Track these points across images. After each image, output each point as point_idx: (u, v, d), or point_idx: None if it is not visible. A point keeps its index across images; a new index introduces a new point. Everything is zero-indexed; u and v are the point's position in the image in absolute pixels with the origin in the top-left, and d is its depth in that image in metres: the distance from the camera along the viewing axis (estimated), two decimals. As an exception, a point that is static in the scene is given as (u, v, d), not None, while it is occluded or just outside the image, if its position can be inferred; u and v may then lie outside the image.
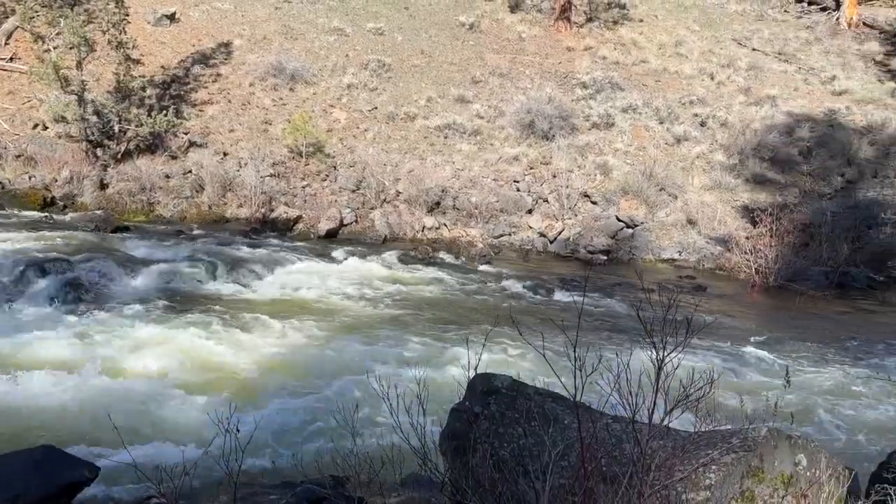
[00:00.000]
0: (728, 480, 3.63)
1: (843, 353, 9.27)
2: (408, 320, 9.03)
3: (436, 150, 16.29)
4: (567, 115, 17.26)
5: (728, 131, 17.48)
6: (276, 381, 6.73)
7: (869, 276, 13.23)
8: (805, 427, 6.28)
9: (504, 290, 11.24)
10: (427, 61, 19.20)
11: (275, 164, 14.90)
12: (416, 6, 21.69)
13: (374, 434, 4.27)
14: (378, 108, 17.24)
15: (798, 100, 19.15)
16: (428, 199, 14.58)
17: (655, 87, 19.36)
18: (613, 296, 11.32)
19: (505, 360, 7.38)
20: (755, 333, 9.96)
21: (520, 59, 19.88)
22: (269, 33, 19.15)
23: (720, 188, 15.97)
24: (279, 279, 10.42)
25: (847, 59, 21.45)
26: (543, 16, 21.96)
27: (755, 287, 12.93)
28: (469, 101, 17.82)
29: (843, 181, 16.28)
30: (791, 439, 3.91)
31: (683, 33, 22.04)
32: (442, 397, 5.05)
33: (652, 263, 14.32)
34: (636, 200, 15.20)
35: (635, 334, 3.41)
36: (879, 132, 17.59)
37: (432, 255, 12.89)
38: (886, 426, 6.94)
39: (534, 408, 4.30)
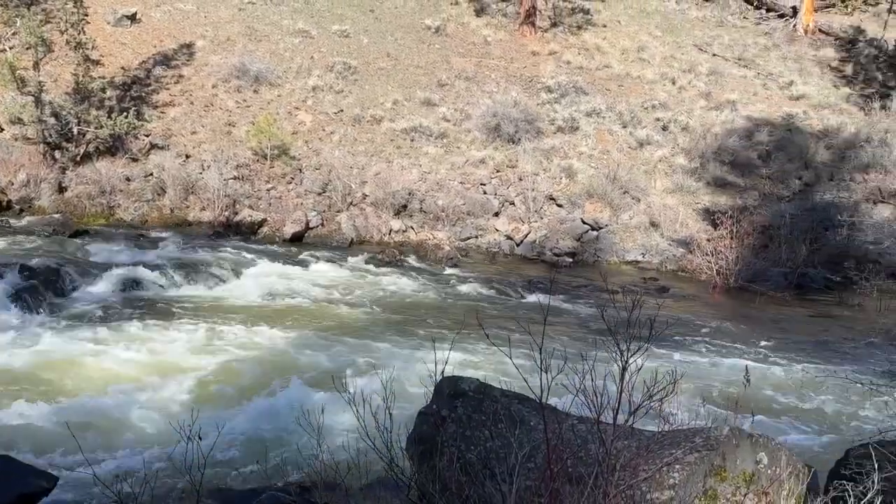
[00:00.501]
0: (691, 479, 3.69)
1: (802, 352, 9.49)
2: (375, 323, 8.99)
3: (402, 152, 16.27)
4: (532, 119, 17.39)
5: (689, 135, 17.77)
6: (240, 386, 6.64)
7: (826, 276, 13.57)
8: (766, 426, 6.41)
9: (471, 292, 11.27)
10: (393, 64, 19.18)
11: (239, 166, 14.72)
12: (382, 9, 21.65)
13: (340, 439, 4.24)
14: (344, 111, 17.16)
15: (757, 104, 19.57)
16: (395, 201, 14.55)
17: (619, 91, 19.61)
18: (579, 297, 11.42)
19: (472, 363, 7.39)
20: (716, 334, 10.15)
21: (485, 63, 19.96)
22: (232, 35, 18.93)
23: (682, 191, 16.23)
24: (243, 283, 10.30)
25: (804, 64, 22.00)
26: (509, 20, 22.10)
27: (716, 288, 13.17)
28: (435, 104, 17.84)
29: (801, 184, 16.68)
30: (752, 438, 3.99)
31: (646, 39, 22.37)
32: (409, 401, 5.03)
33: (616, 265, 14.49)
34: (601, 203, 15.36)
35: (600, 336, 3.44)
36: (835, 136, 18.07)
37: (399, 258, 12.87)
38: (844, 424, 7.12)
39: (500, 410, 4.32)
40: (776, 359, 9.01)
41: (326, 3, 21.32)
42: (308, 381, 6.64)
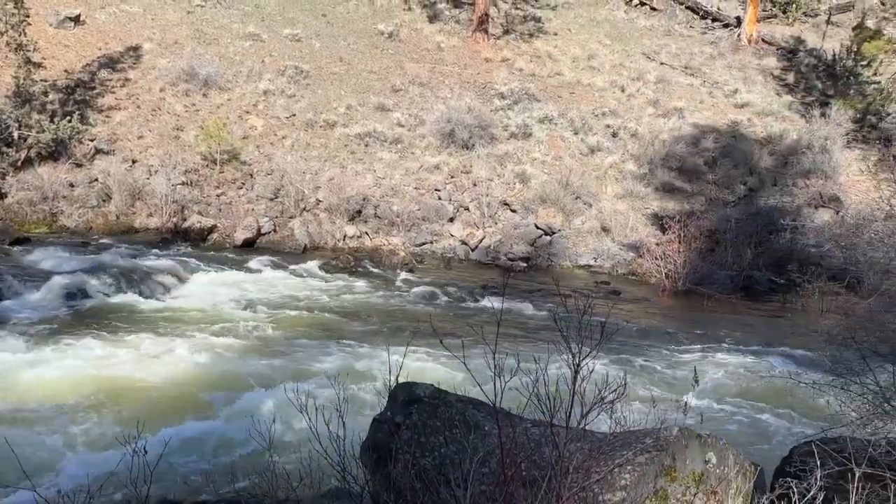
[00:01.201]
0: (642, 480, 3.74)
1: (748, 353, 9.74)
2: (329, 330, 8.90)
3: (356, 158, 16.17)
4: (486, 125, 17.49)
5: (638, 142, 18.12)
6: (188, 397, 6.48)
7: (770, 279, 13.98)
8: (714, 425, 6.55)
9: (426, 298, 11.25)
10: (346, 69, 19.07)
11: (187, 171, 14.42)
12: (334, 13, 21.53)
13: (293, 449, 4.17)
14: (296, 115, 16.98)
15: (703, 112, 20.08)
16: (349, 207, 14.45)
17: (570, 98, 19.88)
18: (533, 302, 11.51)
19: (428, 368, 7.37)
20: (666, 336, 10.35)
21: (439, 69, 20.02)
22: (180, 37, 18.56)
23: (632, 196, 16.53)
24: (192, 291, 10.07)
25: (748, 73, 22.66)
26: (462, 27, 22.22)
27: (665, 291, 13.44)
28: (389, 110, 17.80)
29: (746, 189, 17.17)
30: (701, 438, 4.06)
31: (596, 47, 22.75)
32: (364, 408, 4.99)
33: (569, 269, 14.66)
34: (554, 208, 15.54)
35: (553, 339, 3.46)
36: (778, 143, 18.65)
37: (354, 264, 12.77)
38: (789, 422, 7.32)
39: (455, 415, 4.31)
40: (724, 360, 9.23)
41: (277, 6, 21.09)
42: (259, 391, 6.52)
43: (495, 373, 3.33)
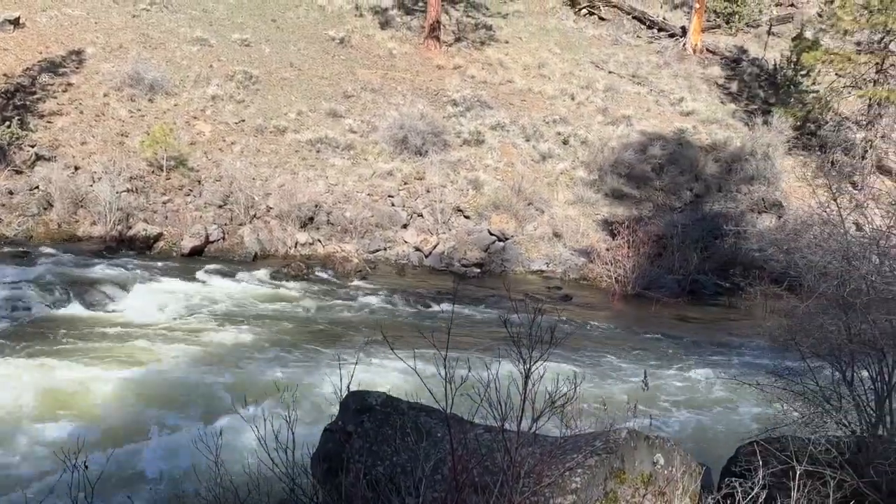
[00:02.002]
0: (593, 483, 3.78)
1: (696, 355, 9.97)
2: (279, 340, 8.76)
3: (308, 164, 16.01)
4: (439, 132, 17.54)
5: (588, 149, 18.41)
6: (132, 410, 6.30)
7: (716, 282, 14.36)
8: (663, 427, 6.68)
9: (379, 305, 11.19)
10: (297, 74, 18.89)
11: (132, 178, 14.05)
12: (284, 19, 21.31)
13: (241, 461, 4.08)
14: (246, 121, 16.73)
15: (651, 119, 20.53)
16: (301, 214, 14.29)
17: (521, 106, 20.09)
18: (485, 307, 11.57)
19: (381, 376, 7.32)
20: (616, 339, 10.52)
21: (391, 76, 19.99)
22: (125, 42, 18.12)
23: (582, 203, 16.77)
24: (138, 301, 9.79)
25: (693, 82, 23.26)
26: (413, 33, 22.25)
27: (616, 295, 13.66)
28: (341, 116, 17.69)
29: (692, 195, 17.60)
30: (649, 440, 4.13)
31: (546, 55, 23.05)
32: (315, 418, 4.92)
33: (522, 275, 14.78)
34: (506, 215, 15.66)
35: (505, 345, 3.48)
36: (722, 150, 19.19)
37: (306, 272, 12.62)
38: (735, 422, 7.51)
39: (408, 423, 4.29)
40: (672, 362, 9.42)
41: (226, 11, 20.78)
42: (207, 403, 6.38)
43: (446, 379, 3.33)
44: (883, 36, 19.23)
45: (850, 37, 20.93)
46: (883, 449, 4.30)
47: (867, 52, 19.78)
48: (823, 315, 4.45)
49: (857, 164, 19.11)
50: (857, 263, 4.25)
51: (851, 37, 20.88)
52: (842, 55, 19.64)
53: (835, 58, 19.59)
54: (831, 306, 4.40)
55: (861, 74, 19.74)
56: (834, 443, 4.34)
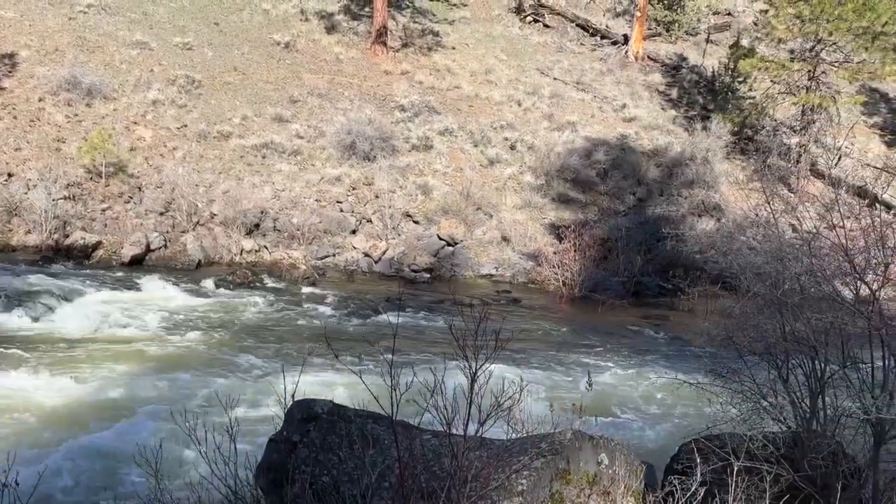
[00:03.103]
0: (539, 485, 3.81)
1: (640, 355, 10.18)
2: (223, 349, 8.58)
3: (253, 170, 15.76)
4: (387, 137, 17.49)
5: (535, 154, 18.63)
6: (69, 424, 6.07)
7: (659, 284, 14.68)
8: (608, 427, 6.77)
9: (327, 311, 11.07)
10: (241, 79, 18.59)
11: (70, 185, 13.60)
12: (227, 22, 20.96)
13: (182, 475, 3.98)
14: (188, 126, 16.38)
15: (595, 125, 20.91)
16: (246, 220, 14.05)
17: (469, 111, 20.21)
18: (434, 312, 11.57)
19: (329, 384, 7.23)
20: (563, 341, 10.66)
21: (338, 81, 19.87)
22: (61, 45, 17.54)
23: (530, 207, 16.97)
24: (75, 312, 9.46)
25: (635, 88, 23.80)
26: (360, 38, 22.17)
27: (563, 298, 13.85)
28: (287, 121, 17.48)
29: (635, 199, 17.99)
30: (593, 440, 4.19)
31: (492, 62, 23.26)
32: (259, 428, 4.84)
33: (472, 279, 14.85)
34: (456, 220, 15.71)
35: (452, 349, 3.48)
36: (664, 155, 19.67)
37: (252, 279, 12.41)
38: (678, 421, 7.68)
39: (355, 431, 4.26)
40: (617, 363, 9.60)
41: (167, 14, 20.32)
42: (146, 416, 6.19)
43: (392, 386, 3.31)
44: (814, 44, 20.03)
45: (783, 45, 21.73)
46: (817, 443, 4.45)
47: (800, 59, 20.58)
48: (759, 315, 4.60)
49: (792, 167, 19.85)
50: (790, 264, 4.41)
51: (785, 45, 21.68)
52: (776, 63, 20.38)
53: (770, 65, 20.32)
54: (766, 306, 4.56)
55: (794, 81, 20.51)
56: (770, 439, 4.48)
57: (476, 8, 26.56)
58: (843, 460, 4.42)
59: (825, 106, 20.16)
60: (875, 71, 19.86)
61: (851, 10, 18.72)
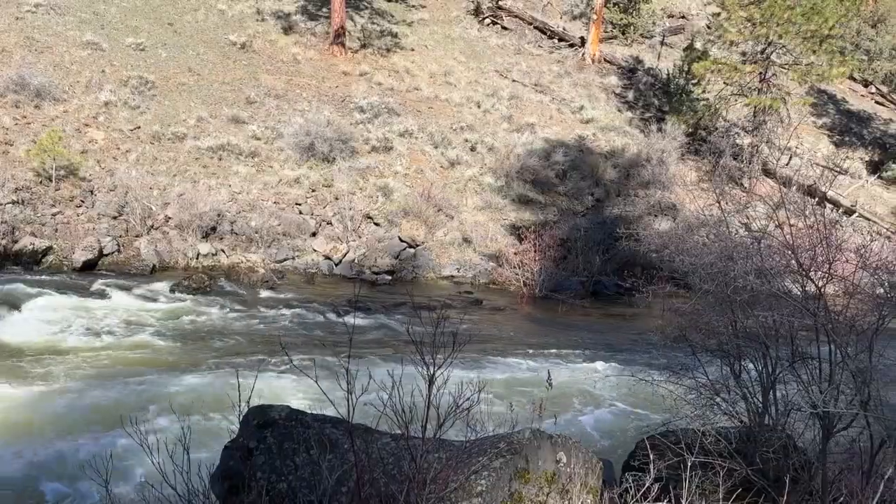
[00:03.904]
0: (498, 485, 3.83)
1: (599, 354, 10.30)
2: (177, 356, 8.40)
3: (209, 172, 15.49)
4: (347, 139, 17.39)
5: (495, 156, 18.73)
6: (13, 436, 5.87)
7: (617, 283, 14.89)
8: (567, 426, 6.84)
9: (285, 315, 10.94)
10: (196, 80, 18.28)
11: (18, 189, 13.17)
12: (181, 22, 20.59)
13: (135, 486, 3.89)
14: (142, 128, 16.03)
15: (553, 127, 21.12)
16: (202, 224, 13.79)
17: (429, 113, 20.22)
18: (395, 314, 11.53)
19: (288, 390, 7.15)
20: (524, 341, 10.72)
21: (296, 81, 19.68)
22: (8, 45, 17.00)
23: (491, 208, 17.04)
24: (23, 319, 9.16)
25: (592, 90, 24.12)
26: (318, 39, 22.00)
27: (524, 298, 13.95)
28: (244, 122, 17.24)
29: (594, 200, 18.22)
30: (552, 439, 4.23)
31: (451, 63, 23.32)
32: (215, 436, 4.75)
33: (434, 281, 14.85)
34: (417, 221, 15.69)
35: (410, 352, 3.48)
36: (621, 156, 19.97)
37: (209, 284, 12.18)
38: (637, 418, 7.79)
39: (313, 436, 4.22)
40: (576, 361, 9.70)
41: (119, 14, 19.87)
42: (98, 426, 6.02)
43: (348, 390, 3.29)
44: (765, 47, 20.58)
45: (735, 48, 22.28)
46: (768, 437, 4.56)
47: (751, 62, 21.11)
48: (711, 312, 4.70)
49: (745, 167, 20.35)
50: (740, 262, 4.51)
51: (737, 47, 22.24)
52: (728, 65, 20.88)
53: (722, 67, 20.80)
54: (718, 304, 4.65)
55: (746, 83, 21.05)
56: (723, 434, 4.57)
57: (434, 10, 26.61)
58: (793, 453, 4.54)
59: (776, 107, 20.73)
60: (823, 73, 20.48)
61: (800, 14, 19.28)
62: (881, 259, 4.87)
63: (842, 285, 4.63)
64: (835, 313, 4.46)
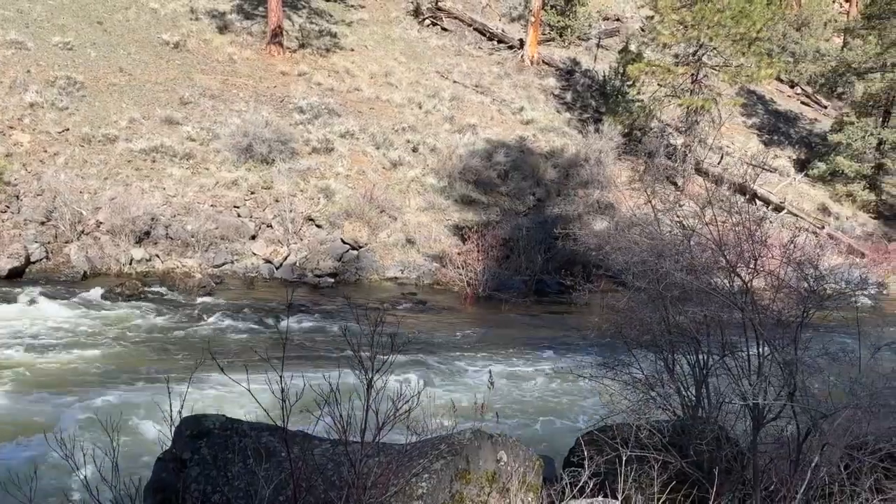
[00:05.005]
0: (439, 487, 3.82)
1: (541, 352, 10.43)
2: (108, 366, 8.11)
3: (143, 174, 15.03)
4: (286, 140, 17.12)
5: (437, 156, 18.76)
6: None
7: (559, 281, 15.06)
8: (510, 423, 6.89)
9: (222, 322, 10.69)
10: (127, 80, 17.70)
11: (-65, 195, 12.53)
12: (112, 21, 19.92)
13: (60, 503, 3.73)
14: (70, 130, 15.44)
15: (494, 128, 21.28)
16: (136, 228, 13.37)
17: (370, 114, 20.10)
18: (336, 317, 11.41)
19: (225, 398, 6.98)
20: (467, 341, 10.77)
21: (232, 81, 19.28)
22: (-79, 41, 16.15)
23: (434, 209, 17.05)
24: (-57, 332, 8.72)
25: (531, 92, 24.41)
26: (255, 39, 21.60)
27: (468, 298, 14.01)
28: (179, 123, 16.79)
29: (535, 200, 18.44)
30: (492, 438, 4.24)
31: (392, 64, 23.25)
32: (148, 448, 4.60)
33: (378, 282, 14.77)
34: (359, 223, 15.57)
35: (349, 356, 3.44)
36: (560, 156, 20.27)
37: (142, 290, 11.82)
38: (576, 414, 7.92)
39: (250, 445, 4.13)
40: (519, 360, 9.79)
41: (44, 12, 19.09)
42: (21, 441, 5.76)
43: (282, 397, 3.23)
44: (696, 49, 21.21)
45: (668, 50, 22.89)
46: (701, 430, 4.69)
47: (684, 63, 21.74)
48: (644, 309, 4.80)
49: (679, 166, 20.93)
50: (670, 259, 4.63)
51: (670, 50, 22.84)
52: (662, 67, 21.44)
53: (656, 69, 21.36)
54: (651, 300, 4.76)
55: (679, 84, 21.65)
56: (658, 427, 4.68)
57: (374, 10, 26.48)
58: (726, 445, 4.68)
59: (707, 108, 21.39)
60: (752, 74, 21.25)
61: (729, 17, 19.95)
62: (804, 254, 5.07)
63: (769, 280, 4.80)
64: (762, 307, 4.62)
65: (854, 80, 26.37)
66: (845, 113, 26.61)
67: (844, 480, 4.23)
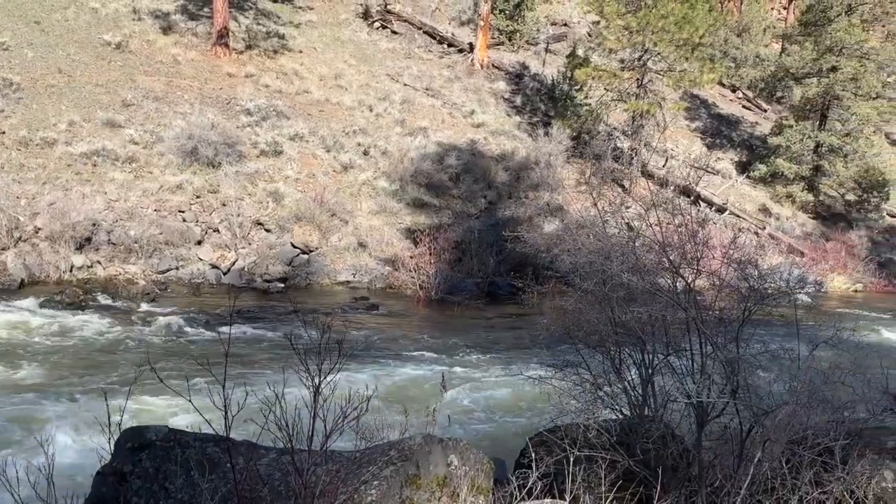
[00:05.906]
0: (388, 494, 3.79)
1: (492, 354, 10.47)
2: (46, 377, 7.80)
3: (83, 179, 14.56)
4: (233, 142, 16.81)
5: (389, 159, 18.69)
6: None
7: (511, 283, 15.17)
8: (462, 427, 6.89)
9: (165, 329, 10.41)
10: (67, 81, 17.14)
11: None
12: (50, 21, 19.27)
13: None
14: (6, 133, 14.86)
15: (445, 131, 21.31)
16: (76, 234, 12.94)
17: (320, 116, 19.91)
18: (286, 323, 11.24)
19: (167, 409, 6.79)
20: (419, 344, 10.73)
21: (177, 83, 18.85)
22: None
23: (386, 212, 16.97)
24: None
25: (482, 95, 24.55)
26: (200, 40, 21.17)
27: (420, 301, 13.99)
28: (121, 126, 16.32)
29: (486, 202, 18.54)
30: (443, 442, 4.23)
31: (342, 66, 23.08)
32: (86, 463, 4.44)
33: (329, 287, 14.61)
34: (310, 227, 15.39)
35: (296, 362, 3.38)
36: (511, 159, 20.43)
37: (83, 298, 11.44)
38: (527, 415, 7.95)
39: (193, 456, 4.02)
40: (471, 363, 9.80)
41: (-23, 9, 18.36)
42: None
43: (224, 405, 3.15)
44: (642, 54, 21.65)
45: (615, 55, 23.30)
46: (648, 428, 4.76)
47: (629, 68, 22.17)
48: (592, 310, 4.86)
49: (626, 169, 21.32)
50: (616, 261, 4.70)
51: (616, 55, 23.26)
52: (608, 71, 21.82)
53: (603, 74, 21.72)
54: (598, 301, 4.82)
55: (625, 89, 22.07)
56: (606, 427, 4.74)
57: (322, 12, 26.26)
58: (671, 442, 4.76)
59: (652, 112, 21.86)
60: (695, 79, 21.79)
61: (673, 23, 20.42)
62: (745, 254, 5.21)
63: (711, 280, 4.91)
64: (705, 307, 4.72)
65: (792, 85, 27.28)
66: (784, 116, 27.54)
67: (786, 474, 4.35)
